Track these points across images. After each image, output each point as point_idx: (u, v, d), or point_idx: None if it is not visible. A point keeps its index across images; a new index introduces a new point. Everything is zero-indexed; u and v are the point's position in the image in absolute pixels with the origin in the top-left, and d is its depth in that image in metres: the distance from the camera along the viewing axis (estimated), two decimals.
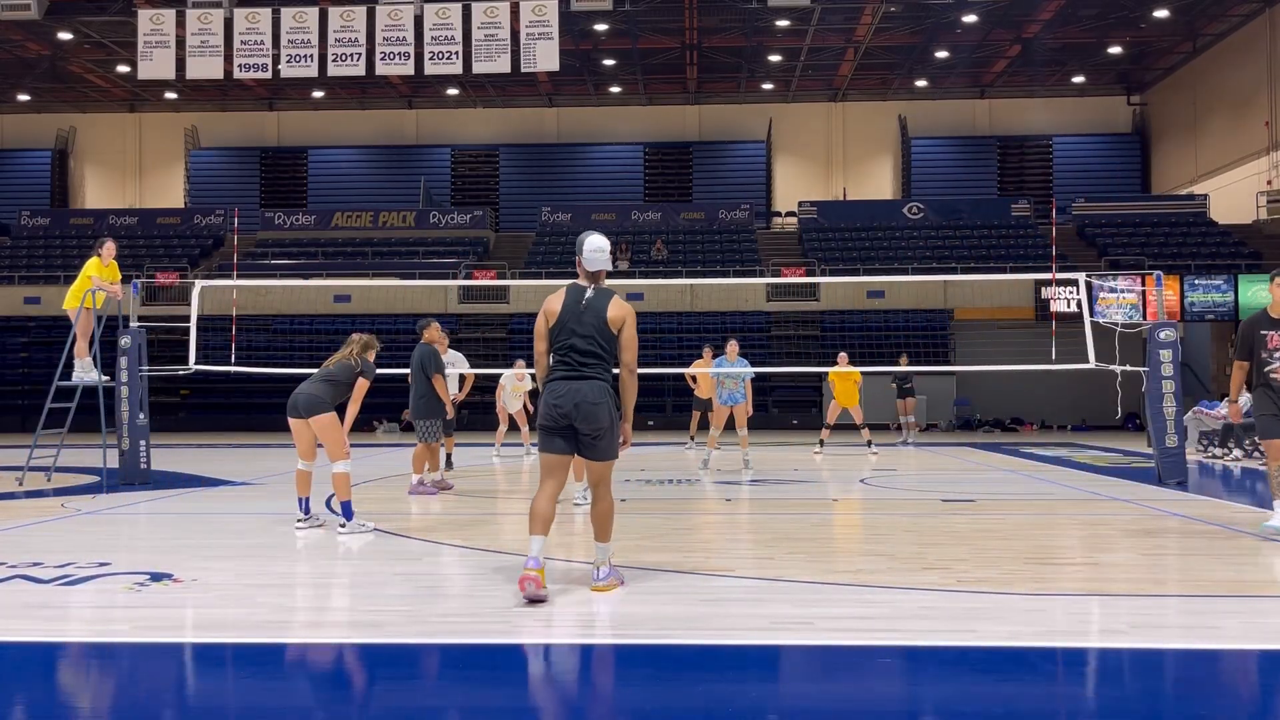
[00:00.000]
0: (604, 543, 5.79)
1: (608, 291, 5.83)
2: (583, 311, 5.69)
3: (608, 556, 5.78)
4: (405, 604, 5.43)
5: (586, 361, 5.63)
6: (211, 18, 23.72)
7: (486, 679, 4.32)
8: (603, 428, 5.61)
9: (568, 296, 5.77)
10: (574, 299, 5.75)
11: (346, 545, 7.46)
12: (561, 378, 5.66)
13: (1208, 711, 3.90)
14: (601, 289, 5.82)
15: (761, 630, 4.94)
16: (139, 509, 9.73)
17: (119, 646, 4.72)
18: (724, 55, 32.30)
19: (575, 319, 5.68)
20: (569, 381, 5.62)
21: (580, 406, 5.57)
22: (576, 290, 5.80)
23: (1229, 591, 5.87)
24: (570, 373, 5.64)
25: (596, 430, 5.60)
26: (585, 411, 5.58)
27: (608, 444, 5.68)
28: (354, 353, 8.26)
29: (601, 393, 5.62)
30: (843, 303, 27.94)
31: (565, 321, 5.69)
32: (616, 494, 10.80)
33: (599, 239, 5.87)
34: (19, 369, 28.60)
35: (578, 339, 5.64)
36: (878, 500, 10.73)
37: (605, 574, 5.71)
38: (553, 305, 5.78)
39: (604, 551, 5.78)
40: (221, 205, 34.19)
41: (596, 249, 5.85)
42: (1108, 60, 32.88)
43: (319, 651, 4.72)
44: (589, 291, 5.78)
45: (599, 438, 5.64)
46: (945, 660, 4.47)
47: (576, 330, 5.65)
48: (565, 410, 5.58)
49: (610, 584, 5.69)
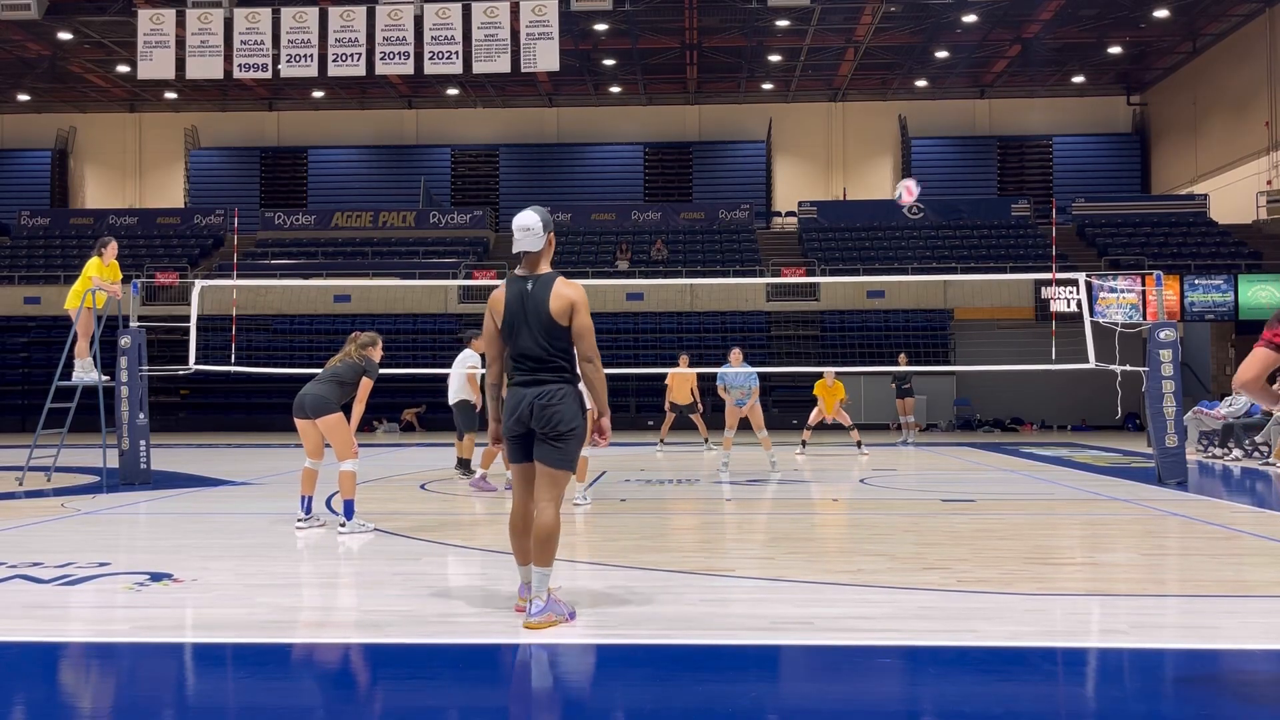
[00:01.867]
0: (544, 567, 4.94)
1: (548, 278, 5.04)
2: (525, 307, 5.01)
3: (547, 586, 4.95)
4: (405, 604, 5.43)
5: (542, 364, 5.01)
6: (211, 18, 23.72)
7: (486, 679, 4.32)
8: (562, 431, 4.98)
9: (509, 292, 5.09)
10: (515, 294, 5.06)
11: (346, 545, 7.45)
12: (518, 384, 5.08)
13: (1208, 711, 3.90)
14: (542, 277, 5.05)
15: (761, 630, 4.93)
16: (139, 509, 9.73)
17: (119, 646, 4.72)
18: (724, 55, 32.30)
19: (520, 317, 5.02)
20: (523, 387, 5.04)
21: (534, 408, 4.97)
22: (517, 283, 5.09)
23: (1229, 591, 5.87)
24: (526, 378, 5.04)
25: (554, 433, 4.97)
26: (539, 413, 4.97)
27: (567, 450, 5.02)
28: (354, 351, 8.25)
29: (561, 396, 5.00)
30: (843, 303, 27.95)
31: (512, 321, 5.05)
32: (617, 494, 10.85)
33: (527, 215, 5.05)
34: (19, 369, 28.59)
35: (527, 341, 5.01)
36: (878, 500, 10.73)
37: (541, 608, 4.89)
38: (497, 303, 5.14)
39: (543, 579, 4.93)
40: (221, 205, 34.21)
41: (522, 227, 5.04)
42: (1108, 60, 32.89)
43: (319, 652, 4.72)
44: (529, 283, 5.05)
45: (557, 441, 4.98)
46: (945, 660, 4.47)
47: (524, 330, 5.01)
48: (522, 415, 5.00)
49: (547, 619, 4.87)
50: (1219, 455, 15.87)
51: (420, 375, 25.88)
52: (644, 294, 27.48)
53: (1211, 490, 11.45)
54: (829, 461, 15.72)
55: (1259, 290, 26.46)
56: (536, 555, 4.96)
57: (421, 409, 26.84)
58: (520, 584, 5.17)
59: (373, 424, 26.24)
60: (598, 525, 8.74)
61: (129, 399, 11.66)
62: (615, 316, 27.52)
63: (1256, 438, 15.29)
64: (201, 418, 27.58)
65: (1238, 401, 16.74)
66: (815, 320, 28.34)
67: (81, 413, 11.74)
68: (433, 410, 27.05)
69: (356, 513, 8.09)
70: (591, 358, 5.06)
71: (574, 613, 5.07)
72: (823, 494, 11.34)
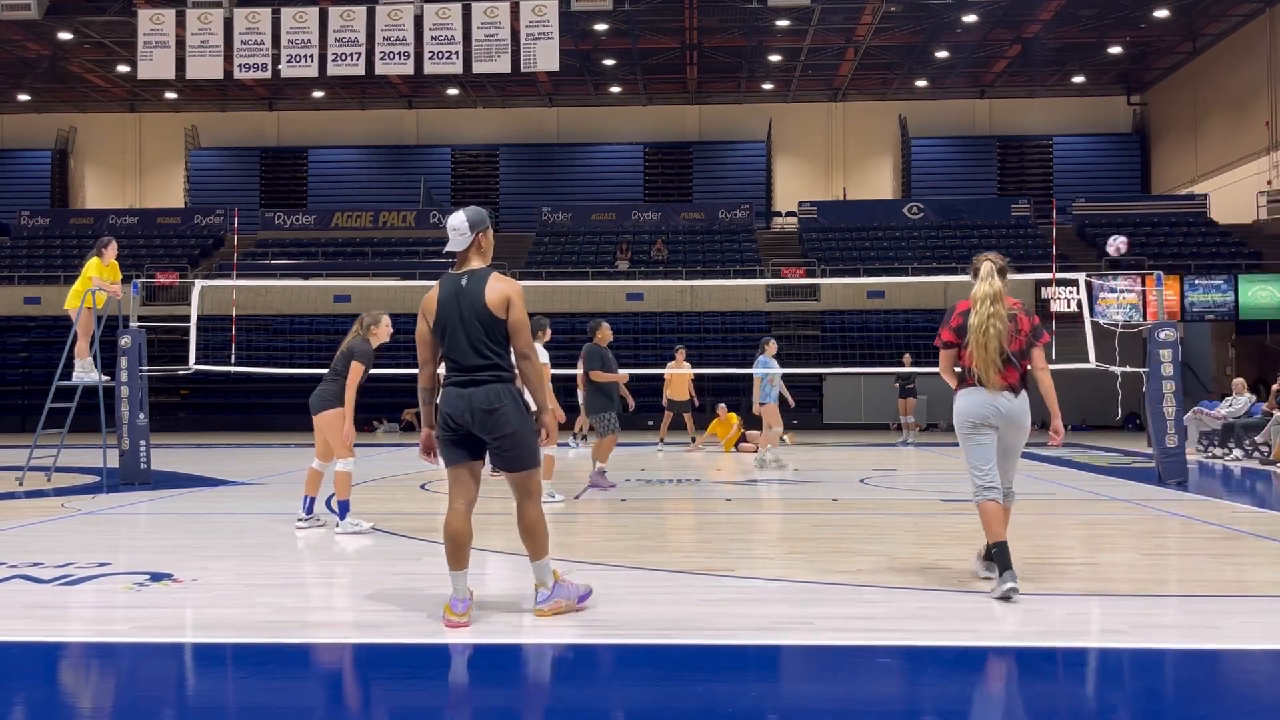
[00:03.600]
0: (540, 559, 5.08)
1: (483, 273, 4.99)
2: (460, 304, 4.93)
3: (548, 574, 5.08)
4: (405, 604, 5.43)
5: (478, 364, 4.92)
6: (211, 17, 23.72)
7: (486, 679, 4.32)
8: (507, 433, 4.92)
9: (442, 290, 5.01)
10: (449, 292, 4.98)
11: (346, 546, 7.45)
12: (453, 384, 4.97)
13: (1208, 711, 3.90)
14: (476, 272, 4.99)
15: (761, 630, 4.93)
16: (139, 509, 9.73)
17: (119, 646, 4.72)
18: (724, 55, 32.30)
19: (455, 315, 4.93)
20: (461, 389, 4.93)
21: (475, 414, 4.90)
22: (450, 281, 5.01)
23: (1229, 591, 5.87)
24: (463, 379, 4.94)
25: (500, 436, 4.92)
26: (481, 419, 4.90)
27: (521, 450, 4.98)
28: (359, 332, 7.94)
29: (498, 395, 4.91)
30: (843, 303, 27.95)
31: (445, 320, 4.96)
32: (617, 494, 10.85)
33: (456, 215, 5.04)
34: (19, 369, 28.60)
35: (462, 339, 4.92)
36: (878, 500, 10.73)
37: (546, 596, 5.05)
38: (429, 303, 5.04)
39: (543, 569, 5.08)
40: (221, 205, 34.21)
41: (451, 228, 5.02)
42: (1108, 60, 32.89)
43: (319, 652, 4.71)
44: (463, 279, 4.98)
45: (506, 445, 4.95)
46: (945, 660, 4.47)
47: (459, 329, 4.92)
48: (459, 419, 4.93)
49: (555, 605, 5.04)
50: (1219, 455, 15.86)
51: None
52: (644, 294, 27.48)
53: (1211, 490, 11.45)
54: (830, 461, 15.72)
55: (1259, 290, 26.46)
56: (530, 549, 5.07)
57: None
58: (452, 597, 4.93)
59: (373, 424, 26.23)
60: (598, 525, 8.74)
61: (129, 399, 11.67)
62: (615, 317, 27.43)
63: (1256, 438, 15.29)
64: (201, 418, 27.57)
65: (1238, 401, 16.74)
66: (815, 320, 28.33)
67: (81, 413, 11.74)
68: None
69: (352, 512, 8.04)
70: (528, 353, 5.00)
71: (588, 591, 5.21)
72: (823, 494, 11.33)
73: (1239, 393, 17.05)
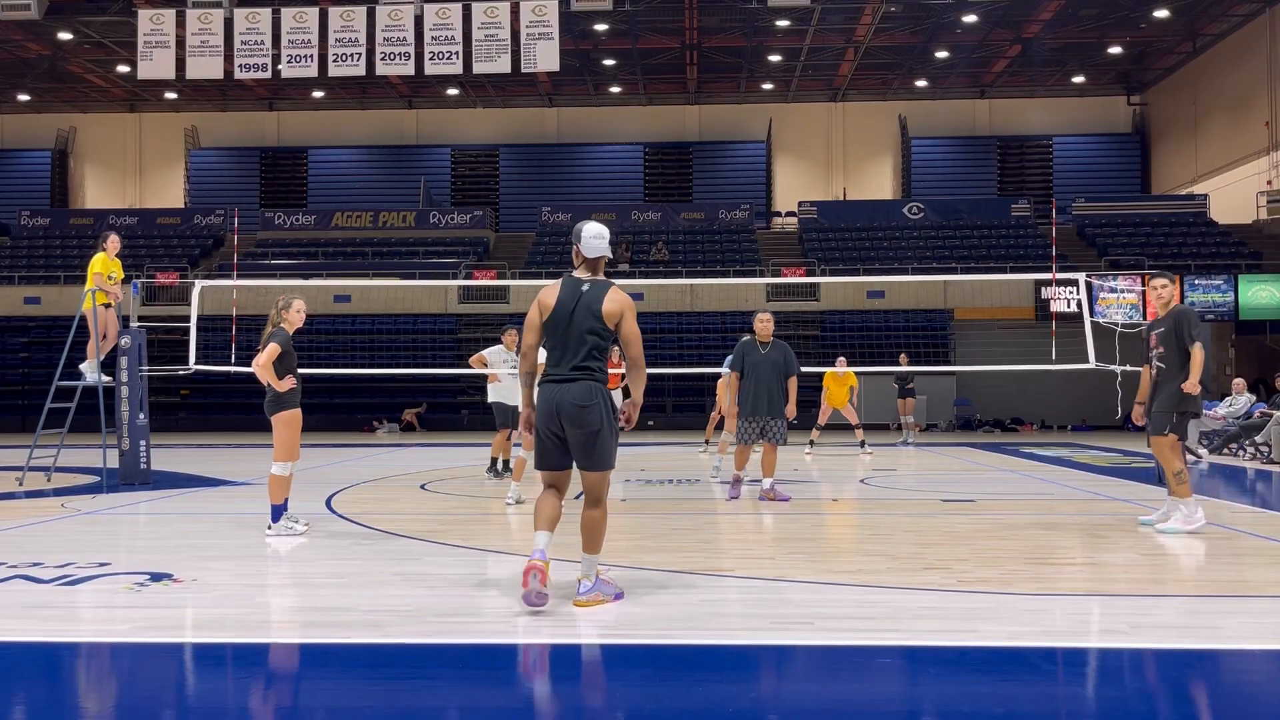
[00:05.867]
0: (592, 553, 5.38)
1: (605, 283, 5.44)
2: (577, 306, 5.33)
3: (594, 570, 5.36)
4: (405, 604, 5.43)
5: (579, 363, 5.29)
6: (211, 18, 23.72)
7: (486, 679, 4.32)
8: (594, 431, 5.26)
9: (563, 290, 5.41)
10: (570, 293, 5.39)
11: (346, 546, 7.44)
12: (551, 380, 5.33)
13: (1207, 711, 3.90)
14: (599, 281, 5.44)
15: (761, 630, 4.94)
16: (139, 509, 9.73)
17: (119, 646, 4.72)
18: (724, 55, 32.30)
19: (569, 314, 5.33)
20: (557, 385, 5.30)
21: (563, 407, 5.24)
22: (573, 283, 5.44)
23: (1229, 591, 5.87)
24: (560, 375, 5.31)
25: (586, 434, 5.26)
26: (571, 414, 5.24)
27: (602, 451, 5.32)
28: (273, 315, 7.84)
29: (591, 393, 5.26)
30: (843, 303, 27.95)
31: (559, 317, 5.35)
32: (616, 494, 10.85)
33: (598, 226, 5.53)
34: (19, 369, 28.60)
35: (572, 337, 5.31)
36: (878, 500, 10.73)
37: (589, 588, 5.30)
38: (547, 298, 5.43)
39: (591, 564, 5.36)
40: (221, 205, 34.21)
41: (596, 235, 5.49)
42: (1108, 60, 32.89)
43: (319, 652, 4.71)
44: (585, 285, 5.41)
45: (591, 442, 5.28)
46: (945, 660, 4.47)
47: (571, 327, 5.31)
48: (553, 413, 5.27)
49: (594, 599, 5.26)
50: (1219, 455, 15.86)
51: (420, 375, 25.95)
52: (644, 294, 27.46)
53: (1211, 490, 11.44)
54: (830, 462, 15.72)
55: (1259, 290, 26.46)
56: (586, 543, 5.39)
57: (422, 409, 26.83)
58: (535, 549, 5.23)
59: (373, 424, 26.24)
60: None
61: (129, 399, 11.66)
62: None
63: (1257, 438, 15.29)
64: (201, 418, 27.58)
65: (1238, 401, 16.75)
66: (815, 320, 28.33)
67: (81, 413, 11.74)
68: (433, 410, 27.06)
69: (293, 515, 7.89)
70: (640, 363, 5.38)
71: (621, 593, 5.42)
72: (822, 494, 11.33)
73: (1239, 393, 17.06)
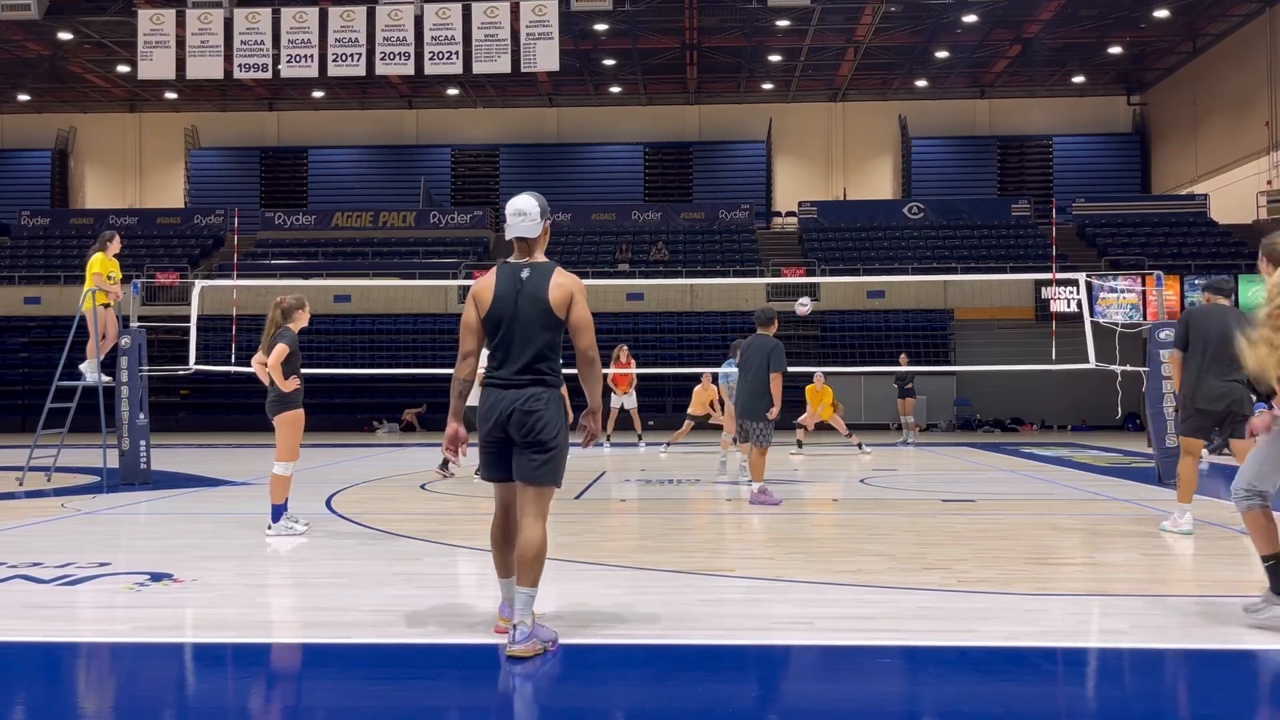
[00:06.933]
0: (529, 588, 4.46)
1: (548, 265, 4.61)
2: (520, 298, 4.54)
3: (531, 610, 4.46)
4: (405, 604, 5.43)
5: (527, 364, 4.53)
6: (211, 18, 23.71)
7: (486, 679, 4.32)
8: (542, 440, 4.48)
9: (500, 280, 4.59)
10: (508, 282, 4.58)
11: (348, 547, 7.44)
12: (494, 383, 4.58)
13: (1208, 711, 3.90)
14: (540, 264, 4.61)
15: (761, 630, 4.94)
16: (139, 509, 9.73)
17: (119, 646, 4.72)
18: (724, 55, 32.30)
19: (511, 308, 4.54)
20: (502, 389, 4.55)
21: (515, 413, 4.48)
22: (509, 270, 4.61)
23: (1229, 591, 5.87)
24: (505, 378, 4.55)
25: (537, 442, 4.48)
26: (519, 420, 4.48)
27: (551, 463, 4.52)
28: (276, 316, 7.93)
29: (544, 400, 4.52)
30: (843, 303, 27.95)
31: (500, 313, 4.55)
32: (616, 494, 10.85)
33: (524, 199, 4.66)
34: (19, 369, 28.60)
35: (517, 335, 4.53)
36: (878, 500, 10.73)
37: (525, 635, 4.39)
38: (482, 291, 4.61)
39: (528, 602, 4.45)
40: (221, 205, 34.20)
41: (518, 212, 4.63)
42: (1108, 60, 32.89)
43: (319, 652, 4.72)
44: (525, 270, 4.59)
45: (537, 452, 4.49)
46: (945, 660, 4.47)
47: (515, 323, 4.53)
48: (500, 419, 4.51)
49: (532, 647, 4.38)
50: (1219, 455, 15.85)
51: (420, 375, 25.90)
52: (644, 294, 27.48)
53: (1211, 490, 11.44)
54: (830, 462, 15.72)
55: (1259, 290, 26.40)
56: (522, 575, 4.48)
57: (422, 409, 26.82)
58: (501, 602, 4.74)
59: (373, 424, 26.24)
60: (598, 525, 8.74)
61: (129, 399, 11.67)
62: (615, 317, 27.49)
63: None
64: (201, 418, 27.57)
65: None
66: (815, 320, 28.30)
67: (81, 413, 11.74)
68: (433, 410, 27.04)
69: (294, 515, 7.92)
70: (591, 354, 4.58)
71: (556, 639, 4.56)
72: (822, 494, 11.34)
73: None
